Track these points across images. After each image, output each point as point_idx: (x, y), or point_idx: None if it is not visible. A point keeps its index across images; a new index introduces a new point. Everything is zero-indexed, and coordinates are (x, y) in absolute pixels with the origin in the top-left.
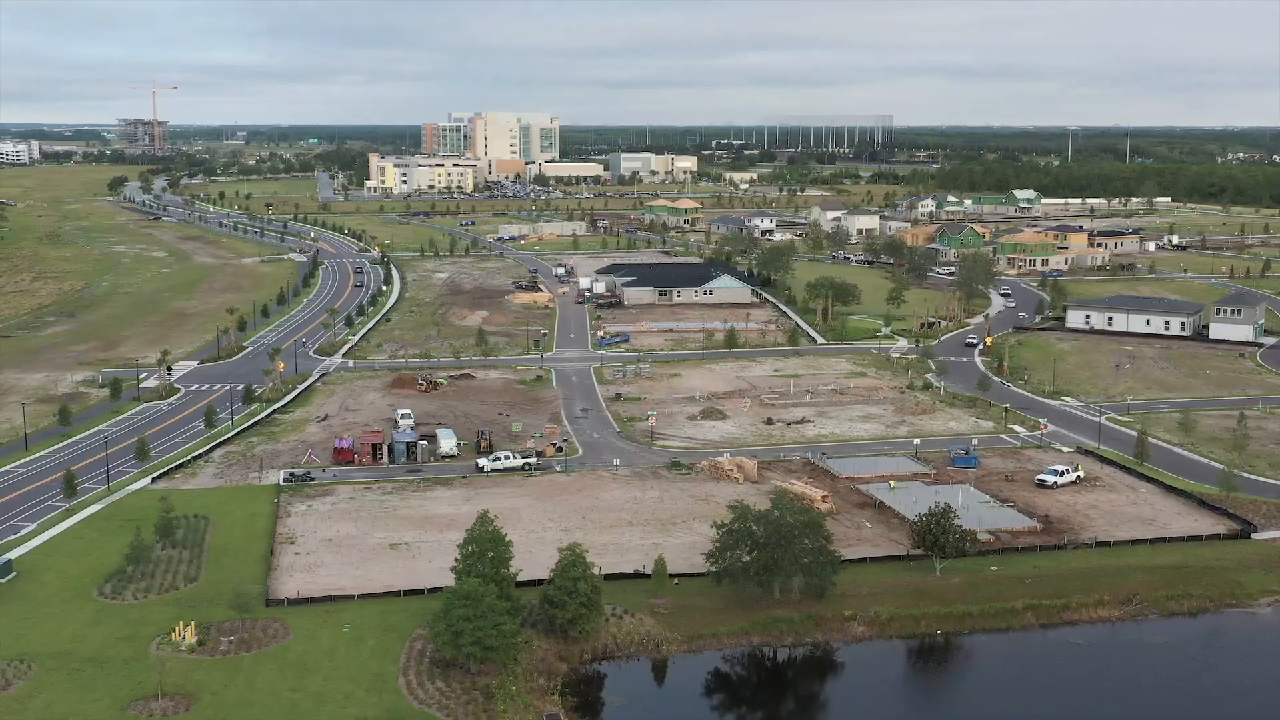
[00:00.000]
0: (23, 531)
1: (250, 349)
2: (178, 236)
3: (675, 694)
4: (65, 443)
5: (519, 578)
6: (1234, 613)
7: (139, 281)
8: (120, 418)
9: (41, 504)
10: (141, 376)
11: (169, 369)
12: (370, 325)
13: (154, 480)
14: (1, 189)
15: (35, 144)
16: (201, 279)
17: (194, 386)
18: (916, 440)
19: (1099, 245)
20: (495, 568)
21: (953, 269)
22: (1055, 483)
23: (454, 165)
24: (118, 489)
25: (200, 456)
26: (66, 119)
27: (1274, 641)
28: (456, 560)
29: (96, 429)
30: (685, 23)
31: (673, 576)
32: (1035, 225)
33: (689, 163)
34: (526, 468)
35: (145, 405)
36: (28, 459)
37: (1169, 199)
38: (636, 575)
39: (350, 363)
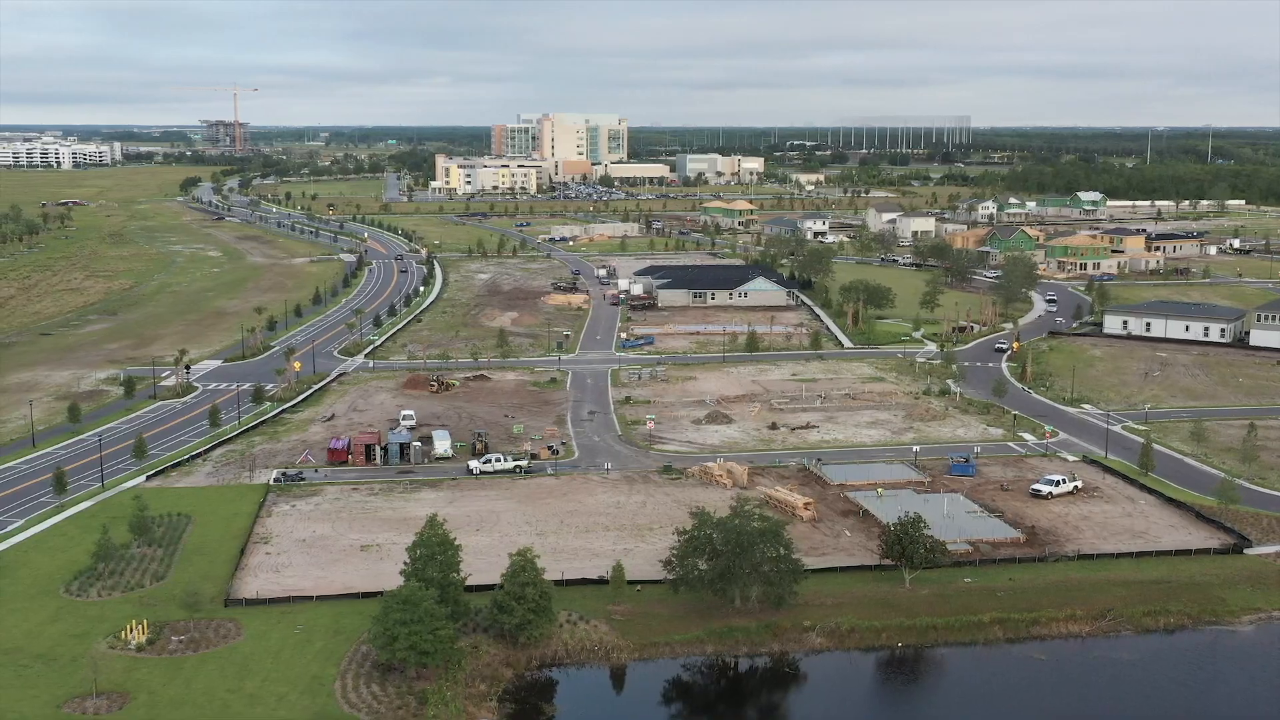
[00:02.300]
0: (9, 527)
1: (277, 349)
2: (236, 236)
3: (620, 702)
4: (72, 440)
5: (480, 581)
6: (1213, 630)
7: (187, 280)
8: (132, 415)
9: (35, 500)
10: (163, 375)
11: (187, 368)
12: (400, 325)
13: (149, 478)
14: (80, 189)
15: (118, 145)
16: (248, 279)
17: (212, 385)
18: (916, 447)
19: (1156, 249)
20: (445, 572)
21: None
22: (1050, 493)
23: (519, 166)
24: (112, 486)
25: (199, 455)
26: (156, 120)
27: (1250, 661)
28: (405, 563)
29: (106, 426)
30: (769, 23)
31: (636, 583)
32: (1097, 228)
33: (755, 164)
34: (517, 470)
35: (159, 404)
36: (33, 455)
37: (1243, 201)
38: (600, 581)
39: (370, 363)
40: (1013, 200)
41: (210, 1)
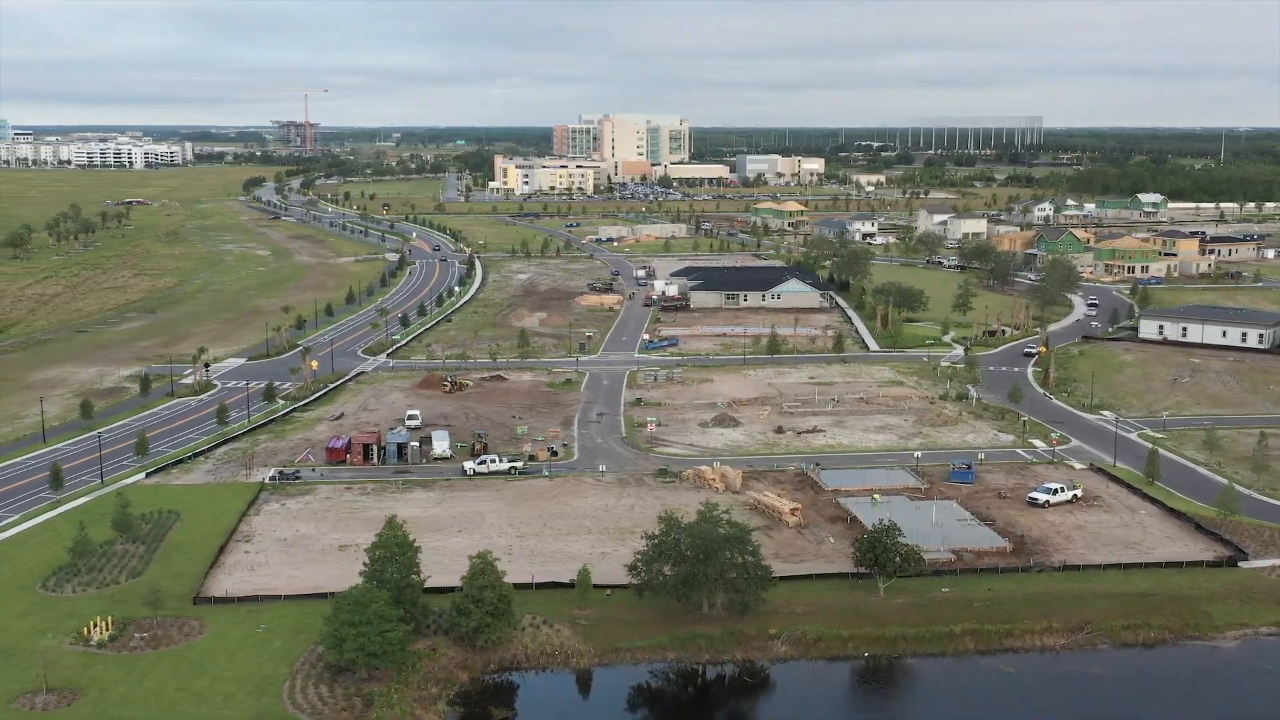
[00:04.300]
0: (3, 522)
1: (304, 347)
2: (288, 235)
3: (577, 707)
4: (83, 436)
5: (453, 583)
6: (1194, 645)
7: (232, 279)
8: (146, 413)
9: (34, 496)
10: (184, 373)
11: (206, 365)
12: (429, 325)
13: (148, 475)
14: (147, 189)
15: (189, 145)
16: (292, 277)
17: (231, 384)
18: (918, 453)
19: (1210, 252)
20: (404, 573)
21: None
22: (1047, 501)
23: (577, 167)
24: (111, 483)
25: (202, 453)
26: (233, 121)
27: (1228, 677)
28: (364, 565)
29: (118, 423)
30: (848, 22)
31: (606, 587)
32: (1156, 230)
33: (816, 165)
34: (512, 471)
35: (175, 401)
36: (42, 451)
37: None
38: (570, 585)
39: (390, 362)
40: (1070, 202)
41: (300, 2)
